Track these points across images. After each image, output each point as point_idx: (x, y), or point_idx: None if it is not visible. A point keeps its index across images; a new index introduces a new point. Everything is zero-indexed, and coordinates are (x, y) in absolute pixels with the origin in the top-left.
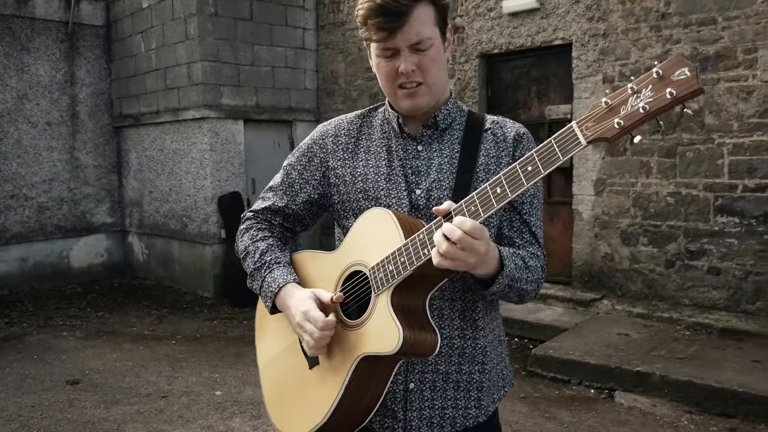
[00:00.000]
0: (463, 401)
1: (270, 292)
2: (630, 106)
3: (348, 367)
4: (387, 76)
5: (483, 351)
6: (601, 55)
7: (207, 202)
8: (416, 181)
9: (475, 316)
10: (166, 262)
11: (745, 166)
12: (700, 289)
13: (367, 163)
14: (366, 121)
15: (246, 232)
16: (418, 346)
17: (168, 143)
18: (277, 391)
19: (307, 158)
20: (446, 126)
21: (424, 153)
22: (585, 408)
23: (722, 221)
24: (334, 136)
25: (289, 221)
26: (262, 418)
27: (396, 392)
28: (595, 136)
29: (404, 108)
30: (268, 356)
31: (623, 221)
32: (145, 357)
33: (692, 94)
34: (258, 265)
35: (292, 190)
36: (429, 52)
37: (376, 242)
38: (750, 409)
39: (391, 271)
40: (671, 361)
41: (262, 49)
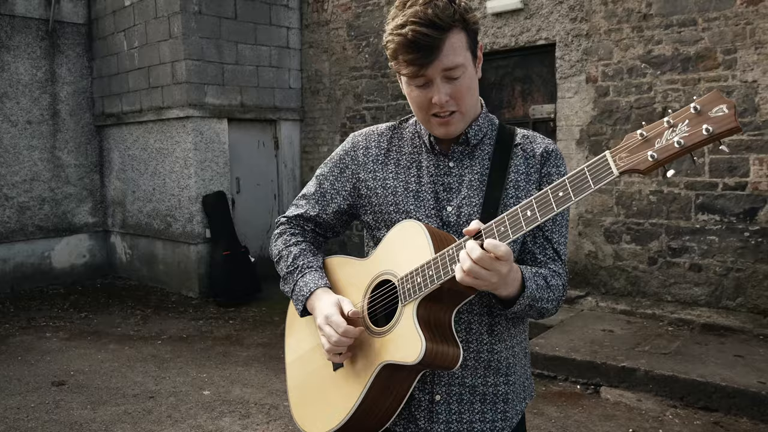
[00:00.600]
0: (490, 414)
1: (302, 296)
2: (665, 140)
3: (370, 373)
4: (420, 106)
5: (507, 363)
6: (584, 55)
7: (191, 202)
8: (447, 198)
9: (502, 329)
10: (150, 262)
11: (726, 164)
12: (682, 285)
13: (397, 176)
14: (397, 133)
15: (280, 237)
16: (440, 359)
17: (151, 142)
18: (301, 389)
19: (339, 169)
20: (477, 141)
21: (456, 169)
22: (572, 403)
23: (703, 219)
24: (365, 148)
25: (320, 228)
26: (252, 417)
27: (421, 401)
28: (628, 167)
29: (438, 134)
30: (295, 354)
31: (607, 220)
32: (131, 357)
33: (729, 132)
34: (291, 269)
35: (324, 199)
36: (462, 79)
37: (407, 254)
38: (732, 403)
39: (418, 283)
40: (655, 356)
41: (247, 48)
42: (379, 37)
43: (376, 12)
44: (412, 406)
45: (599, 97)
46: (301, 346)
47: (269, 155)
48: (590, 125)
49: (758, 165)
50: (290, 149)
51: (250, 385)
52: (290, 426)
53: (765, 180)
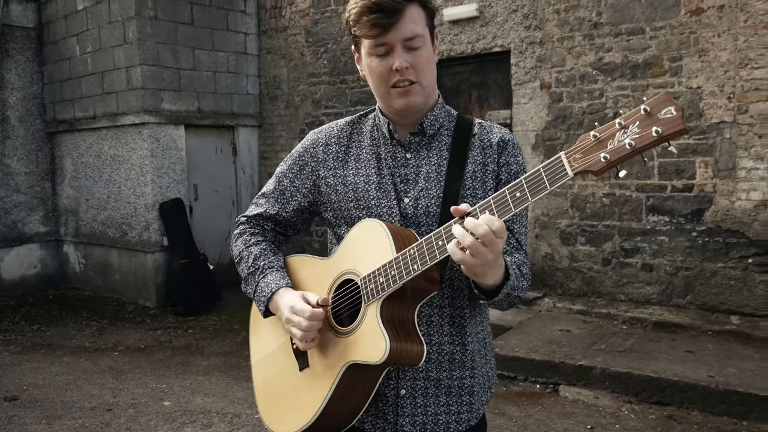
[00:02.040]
0: (456, 406)
1: (264, 297)
2: (617, 141)
3: (336, 373)
4: (380, 75)
5: (471, 356)
6: (538, 62)
7: (148, 209)
8: (405, 190)
9: (464, 322)
10: (105, 271)
11: (673, 167)
12: (635, 285)
13: (357, 171)
14: (356, 127)
15: (240, 237)
16: (405, 357)
17: (106, 149)
18: (268, 389)
19: (298, 166)
20: (434, 132)
21: (413, 161)
22: (532, 402)
23: (654, 220)
24: (324, 145)
25: (281, 227)
26: (214, 427)
27: (387, 396)
28: (582, 168)
29: (397, 107)
30: (260, 354)
31: (562, 222)
32: (87, 370)
33: (677, 134)
34: (252, 270)
35: (283, 197)
36: (422, 51)
37: (369, 253)
38: (684, 397)
39: (381, 283)
40: (611, 354)
41: (204, 54)
42: (338, 43)
43: (334, 18)
44: (380, 401)
45: (553, 102)
46: (266, 345)
47: (227, 161)
48: (545, 130)
49: (704, 168)
50: (249, 155)
51: (212, 394)
52: None
53: (710, 182)
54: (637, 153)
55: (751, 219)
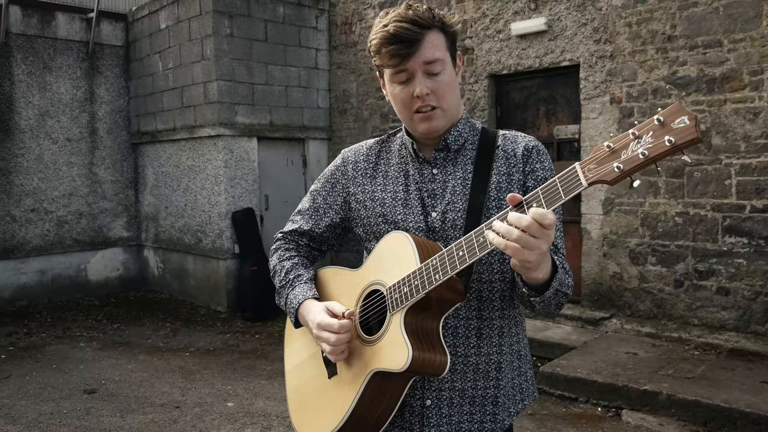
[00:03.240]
0: (479, 415)
1: (292, 308)
2: (630, 151)
3: (362, 380)
4: (403, 102)
5: (497, 367)
6: (608, 76)
7: (221, 218)
8: (432, 204)
9: (491, 333)
10: (181, 276)
11: (753, 186)
12: (709, 309)
13: (385, 187)
14: (385, 146)
15: (275, 252)
16: (428, 366)
17: (184, 159)
18: (299, 396)
19: (330, 184)
20: (458, 147)
21: (439, 176)
22: (592, 426)
23: (731, 241)
24: (353, 163)
25: (315, 242)
26: (273, 430)
27: (414, 407)
28: (596, 178)
29: (421, 131)
30: (293, 363)
31: (632, 241)
32: (160, 368)
33: (690, 143)
34: (283, 283)
35: (317, 214)
36: (442, 75)
37: (394, 264)
38: (758, 430)
39: (405, 293)
40: (679, 380)
41: (276, 69)
42: None
43: None
44: (406, 412)
45: (624, 117)
46: (297, 355)
47: (297, 173)
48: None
49: None
50: (318, 167)
51: (273, 398)
52: None
53: None
54: (651, 162)
55: None
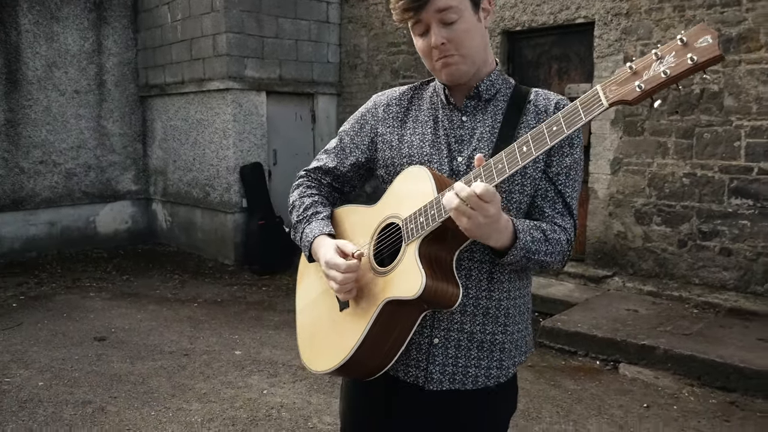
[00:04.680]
0: (486, 361)
1: (307, 242)
2: (653, 71)
3: (374, 309)
4: (423, 53)
5: (506, 313)
6: (623, 34)
7: (229, 172)
8: (458, 149)
9: (502, 278)
10: (189, 229)
11: (762, 149)
12: (711, 269)
13: (414, 130)
14: (417, 93)
15: (297, 189)
16: (440, 296)
17: (192, 113)
18: (309, 332)
19: (359, 125)
20: (490, 97)
21: (468, 123)
22: (589, 378)
23: (736, 203)
24: (385, 105)
25: (338, 182)
26: (279, 377)
27: (421, 344)
28: (617, 98)
29: (444, 79)
30: (304, 302)
31: (638, 201)
32: (168, 318)
33: (712, 60)
34: (300, 218)
35: (343, 153)
36: (458, 24)
37: (411, 196)
38: (750, 384)
39: (421, 223)
40: (677, 336)
41: (287, 22)
42: None
43: None
44: (413, 349)
45: None
46: (309, 293)
47: (306, 128)
48: (626, 106)
49: None
50: (327, 123)
51: (280, 347)
52: (315, 386)
53: None
54: (673, 81)
55: None
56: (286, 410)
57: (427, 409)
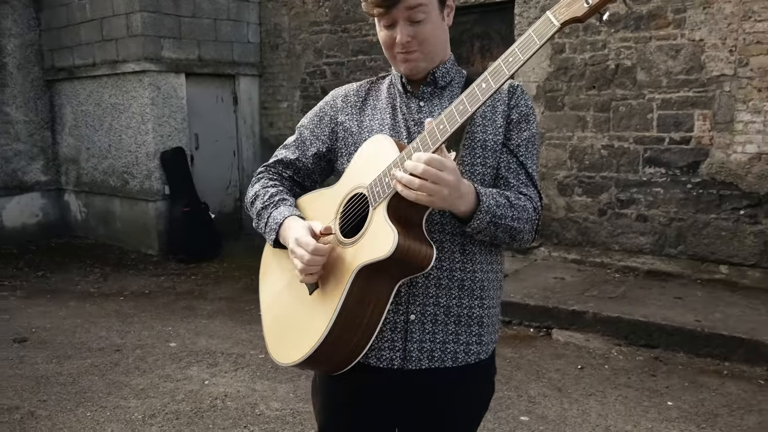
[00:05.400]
0: (465, 336)
1: (275, 224)
2: None
3: (346, 281)
4: (385, 44)
5: (482, 286)
6: (542, 12)
7: (149, 158)
8: (418, 132)
9: (475, 250)
10: (107, 220)
11: (672, 120)
12: (629, 235)
13: (373, 117)
14: (374, 86)
15: (258, 182)
16: (413, 255)
17: (106, 97)
18: (277, 325)
19: (318, 117)
20: (445, 84)
21: (426, 107)
22: (525, 345)
23: (650, 172)
24: (344, 96)
25: (299, 175)
26: (219, 366)
27: (396, 322)
28: (567, 17)
29: (402, 71)
30: (269, 296)
31: (560, 173)
32: (94, 314)
33: None
34: (266, 204)
35: (303, 145)
36: (425, 23)
37: (375, 164)
38: (671, 340)
39: (387, 183)
40: (603, 300)
41: (204, 1)
42: None
43: None
44: (387, 329)
45: (555, 54)
46: (273, 286)
47: (228, 111)
48: (546, 81)
49: (702, 120)
50: (249, 105)
51: (216, 336)
52: (258, 372)
53: (707, 134)
54: None
55: (745, 172)
56: (230, 399)
57: (404, 393)
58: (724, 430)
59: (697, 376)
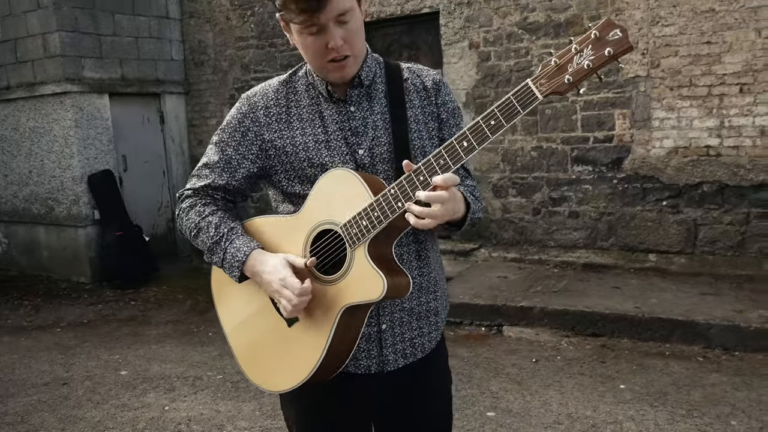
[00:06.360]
0: (426, 328)
1: (237, 262)
2: (575, 64)
3: (332, 319)
4: (315, 53)
5: (435, 281)
6: (466, 22)
7: (76, 182)
8: (357, 142)
9: (428, 254)
10: (31, 249)
11: (595, 120)
12: (563, 231)
13: (303, 131)
14: (290, 87)
15: (191, 209)
16: (397, 290)
17: (23, 121)
18: (254, 351)
19: (240, 133)
20: (370, 82)
21: (358, 113)
22: (479, 343)
23: (578, 170)
24: (264, 108)
25: (230, 195)
26: (177, 390)
27: (370, 334)
28: (550, 90)
29: (333, 79)
30: (236, 321)
31: (494, 176)
32: (31, 348)
33: (625, 51)
34: (216, 238)
35: (230, 166)
36: (352, 23)
37: (343, 201)
38: (615, 327)
39: (365, 226)
40: (547, 294)
41: (124, 19)
42: (265, 6)
43: None
44: (362, 342)
45: (482, 61)
46: (241, 311)
47: (155, 130)
48: (475, 88)
49: (621, 119)
50: (176, 123)
51: (169, 360)
52: (219, 393)
53: (628, 132)
54: (594, 72)
55: (665, 165)
56: (195, 423)
57: (384, 390)
58: (675, 406)
59: (643, 359)
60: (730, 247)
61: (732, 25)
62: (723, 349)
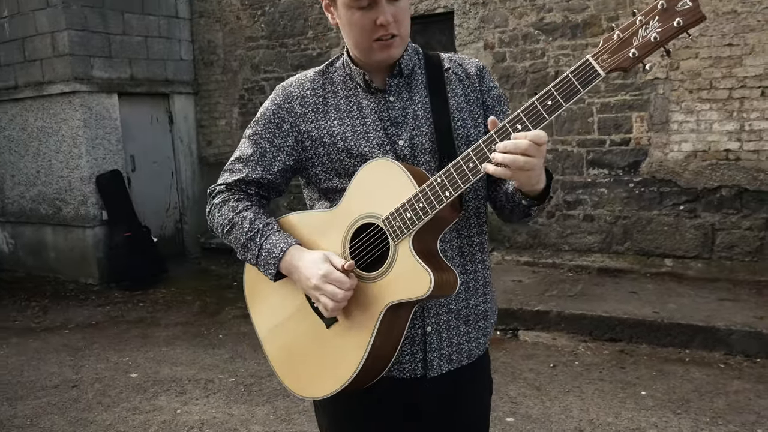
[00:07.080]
0: (474, 333)
1: (273, 258)
2: (641, 37)
3: (375, 318)
4: (363, 29)
5: (483, 282)
6: (481, 23)
7: (84, 183)
8: (397, 133)
9: (473, 250)
10: (38, 250)
11: (612, 122)
12: (578, 235)
13: (341, 121)
14: (327, 78)
15: (224, 205)
16: (444, 287)
17: (31, 121)
18: (289, 355)
19: (275, 125)
20: (409, 72)
21: (398, 103)
22: (495, 348)
23: (594, 173)
24: (300, 98)
25: (264, 190)
26: (189, 393)
27: (414, 336)
28: (613, 66)
29: (379, 60)
30: (271, 323)
31: None
32: (40, 349)
33: (697, 21)
34: (251, 234)
35: (264, 160)
36: (403, 1)
37: (386, 192)
38: (634, 332)
39: (410, 218)
40: (563, 299)
41: (134, 18)
42: (275, 6)
43: None
44: (407, 343)
45: (497, 62)
46: (275, 314)
47: (164, 131)
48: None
49: (639, 122)
50: (185, 124)
51: (179, 363)
52: (231, 396)
53: (645, 135)
54: (662, 45)
55: (682, 168)
56: (208, 427)
57: (428, 397)
58: (698, 413)
59: (663, 365)
60: (748, 252)
61: (754, 27)
62: (744, 355)
